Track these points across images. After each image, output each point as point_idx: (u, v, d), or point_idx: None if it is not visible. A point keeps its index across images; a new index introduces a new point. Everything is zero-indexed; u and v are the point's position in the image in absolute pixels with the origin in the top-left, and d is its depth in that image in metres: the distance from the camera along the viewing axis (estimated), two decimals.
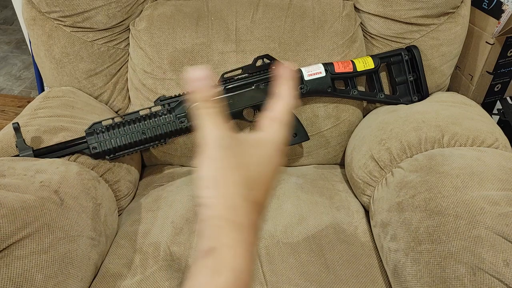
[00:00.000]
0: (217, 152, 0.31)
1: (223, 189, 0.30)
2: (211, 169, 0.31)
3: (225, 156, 0.31)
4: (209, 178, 0.31)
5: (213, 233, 0.29)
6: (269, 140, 0.34)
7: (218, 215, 0.30)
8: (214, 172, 0.31)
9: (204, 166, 0.31)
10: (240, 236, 0.30)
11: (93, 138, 0.81)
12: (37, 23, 0.95)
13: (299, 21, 0.95)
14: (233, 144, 0.32)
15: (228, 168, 0.31)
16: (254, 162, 0.33)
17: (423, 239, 0.64)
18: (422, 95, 0.98)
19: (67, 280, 0.64)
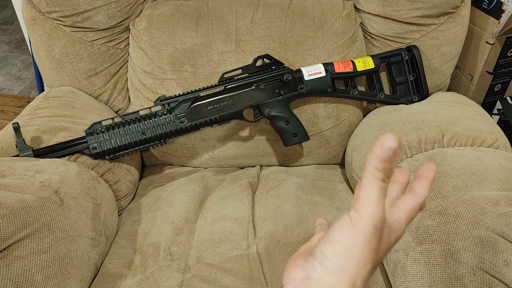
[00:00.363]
0: (370, 231, 0.31)
1: (356, 269, 0.31)
2: (354, 244, 0.31)
3: (374, 238, 0.31)
4: (348, 250, 0.31)
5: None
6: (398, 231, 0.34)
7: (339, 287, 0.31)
8: (355, 249, 0.31)
9: (349, 236, 0.31)
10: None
11: (93, 138, 0.81)
12: (37, 23, 0.95)
13: (299, 21, 0.95)
14: (382, 227, 0.32)
15: (370, 251, 0.31)
16: (384, 247, 0.34)
17: (423, 239, 0.64)
18: (422, 95, 0.98)
19: (67, 280, 0.64)
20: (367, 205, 0.31)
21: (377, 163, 0.31)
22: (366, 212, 0.31)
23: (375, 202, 0.31)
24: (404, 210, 0.34)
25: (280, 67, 0.91)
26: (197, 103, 0.86)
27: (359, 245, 0.31)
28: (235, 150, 1.00)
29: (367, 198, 0.31)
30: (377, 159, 0.31)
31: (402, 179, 0.38)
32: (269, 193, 0.88)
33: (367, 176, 0.31)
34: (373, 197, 0.31)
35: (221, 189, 0.91)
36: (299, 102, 0.96)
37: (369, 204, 0.31)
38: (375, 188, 0.31)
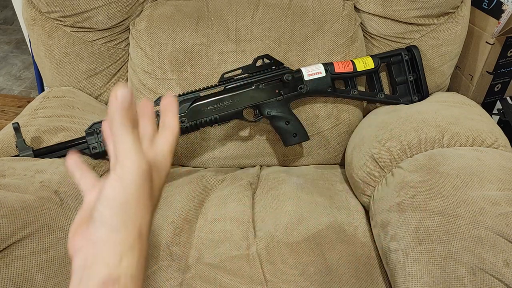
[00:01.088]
0: (139, 179, 0.32)
1: (138, 219, 0.32)
2: (128, 197, 0.32)
3: (145, 183, 0.33)
4: (124, 204, 0.31)
5: (120, 261, 0.31)
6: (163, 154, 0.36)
7: (127, 242, 0.31)
8: (131, 200, 0.32)
9: (120, 191, 0.32)
10: (141, 266, 0.32)
11: (93, 138, 0.81)
12: (37, 23, 0.95)
13: (299, 21, 0.95)
14: (149, 170, 0.33)
15: (145, 195, 0.33)
16: (158, 184, 0.35)
17: (423, 239, 0.64)
18: (422, 95, 0.98)
19: (67, 280, 0.64)
20: (128, 155, 0.32)
21: (121, 114, 0.32)
22: (129, 162, 0.32)
23: (134, 150, 0.32)
24: (165, 143, 0.37)
25: (280, 67, 0.91)
26: (197, 103, 0.86)
27: (133, 195, 0.32)
28: (235, 150, 1.00)
29: (125, 149, 0.32)
30: (119, 110, 0.31)
31: (148, 110, 0.39)
32: (269, 193, 0.88)
33: (117, 130, 0.32)
34: (130, 146, 0.32)
35: (221, 189, 0.91)
36: (299, 102, 0.96)
37: (129, 154, 0.32)
38: (128, 138, 0.32)
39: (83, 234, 0.33)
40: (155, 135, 0.38)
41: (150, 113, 0.39)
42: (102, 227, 0.31)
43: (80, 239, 0.33)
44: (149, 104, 0.39)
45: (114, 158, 0.33)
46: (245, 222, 0.80)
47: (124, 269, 0.31)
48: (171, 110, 0.39)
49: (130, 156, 0.32)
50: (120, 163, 0.32)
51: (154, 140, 0.37)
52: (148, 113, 0.39)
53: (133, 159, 0.32)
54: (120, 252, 0.31)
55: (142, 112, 0.39)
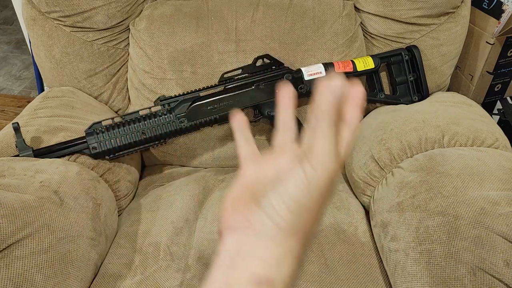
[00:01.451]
0: (326, 188, 0.29)
1: (307, 227, 0.30)
2: (310, 203, 0.29)
3: (328, 193, 0.30)
4: (302, 208, 0.29)
5: (277, 264, 0.29)
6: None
7: (290, 250, 0.29)
8: (311, 207, 0.29)
9: (304, 195, 0.29)
10: (294, 275, 0.29)
11: (93, 138, 0.81)
12: (37, 23, 0.95)
13: (299, 21, 0.95)
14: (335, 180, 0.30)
15: (322, 206, 0.30)
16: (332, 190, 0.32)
17: (423, 239, 0.64)
18: (422, 95, 0.98)
19: (67, 280, 0.64)
20: (325, 160, 0.29)
21: (332, 109, 0.28)
22: (323, 169, 0.29)
23: (332, 156, 0.29)
24: (344, 148, 0.31)
25: (280, 67, 0.91)
26: (197, 103, 0.86)
27: (315, 203, 0.29)
28: (235, 150, 1.00)
29: (324, 152, 0.29)
30: (331, 104, 0.28)
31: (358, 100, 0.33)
32: None
33: (323, 127, 0.28)
34: (330, 151, 0.29)
35: (221, 189, 0.91)
36: (299, 102, 0.96)
37: (327, 159, 0.29)
38: (331, 141, 0.29)
39: (245, 215, 0.30)
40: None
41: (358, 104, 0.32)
42: (272, 225, 0.29)
43: (240, 218, 0.30)
44: (359, 91, 0.32)
45: (308, 152, 0.29)
46: None
47: (281, 275, 0.28)
48: (356, 102, 0.31)
49: (326, 161, 0.29)
50: (313, 165, 0.29)
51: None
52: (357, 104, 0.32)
53: (330, 166, 0.29)
54: (283, 257, 0.29)
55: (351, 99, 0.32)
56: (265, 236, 0.29)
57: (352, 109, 0.31)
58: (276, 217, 0.29)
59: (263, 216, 0.29)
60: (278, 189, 0.29)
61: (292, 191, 0.29)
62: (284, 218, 0.29)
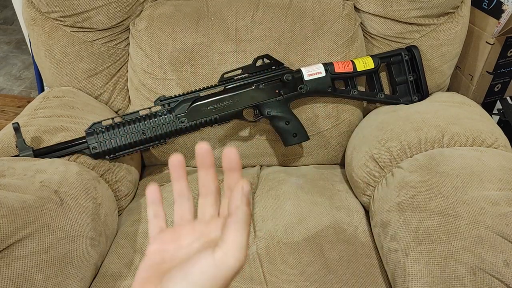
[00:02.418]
0: (233, 274, 0.31)
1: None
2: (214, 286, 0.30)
3: (232, 279, 0.31)
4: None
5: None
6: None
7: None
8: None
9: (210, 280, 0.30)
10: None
11: (93, 138, 0.81)
12: (37, 23, 0.95)
13: (299, 21, 0.95)
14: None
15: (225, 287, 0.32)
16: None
17: (423, 239, 0.64)
18: (422, 95, 0.98)
19: (67, 280, 0.64)
20: (237, 251, 0.31)
21: (247, 206, 0.31)
22: (234, 258, 0.30)
23: (244, 248, 0.31)
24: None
25: (280, 67, 0.91)
26: (197, 103, 0.86)
27: (218, 286, 0.30)
28: None
29: (237, 243, 0.31)
30: (246, 201, 0.31)
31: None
32: (269, 193, 0.88)
33: (238, 220, 0.31)
34: (243, 243, 0.31)
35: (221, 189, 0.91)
36: (299, 102, 0.96)
37: (239, 250, 0.30)
38: (245, 234, 0.31)
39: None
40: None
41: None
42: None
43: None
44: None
45: (222, 241, 0.31)
46: None
47: None
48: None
49: (237, 253, 0.30)
50: (225, 252, 0.30)
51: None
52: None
53: (239, 257, 0.31)
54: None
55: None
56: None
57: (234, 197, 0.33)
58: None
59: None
60: (184, 273, 0.31)
61: (198, 277, 0.30)
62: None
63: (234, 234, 0.31)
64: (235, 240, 0.31)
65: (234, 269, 0.30)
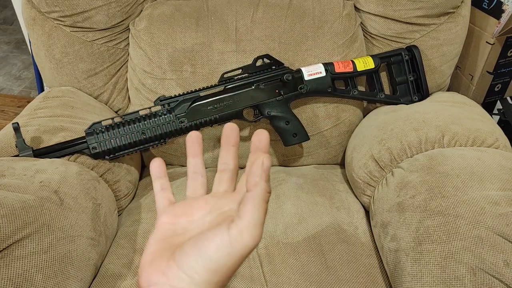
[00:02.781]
0: (248, 252, 0.31)
1: (223, 282, 0.31)
2: (229, 263, 0.30)
3: (247, 256, 0.31)
4: (220, 267, 0.30)
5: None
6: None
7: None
8: (228, 266, 0.30)
9: (225, 256, 0.30)
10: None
11: (93, 138, 0.81)
12: (37, 23, 0.95)
13: (299, 21, 0.95)
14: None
15: (239, 265, 0.31)
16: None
17: (423, 239, 0.64)
18: (422, 95, 0.98)
19: (67, 280, 0.64)
20: (253, 228, 0.30)
21: (267, 181, 0.30)
22: (250, 235, 0.30)
23: (260, 225, 0.30)
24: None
25: (280, 67, 0.91)
26: (197, 103, 0.86)
27: (233, 263, 0.30)
28: None
29: (254, 220, 0.30)
30: (265, 177, 0.30)
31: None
32: None
33: (257, 196, 0.30)
34: (260, 220, 0.30)
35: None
36: (299, 102, 0.96)
37: (255, 227, 0.30)
38: (262, 211, 0.30)
39: (163, 272, 0.31)
40: None
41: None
42: (188, 279, 0.30)
43: (158, 276, 0.31)
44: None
45: (238, 218, 0.30)
46: None
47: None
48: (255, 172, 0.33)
49: (253, 230, 0.30)
50: (241, 230, 0.30)
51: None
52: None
53: (255, 234, 0.30)
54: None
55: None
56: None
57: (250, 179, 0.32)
58: (192, 273, 0.30)
59: (180, 272, 0.30)
60: (199, 250, 0.30)
61: (212, 251, 0.30)
62: (200, 274, 0.30)
63: (251, 210, 0.30)
64: (252, 217, 0.30)
65: (249, 246, 0.30)
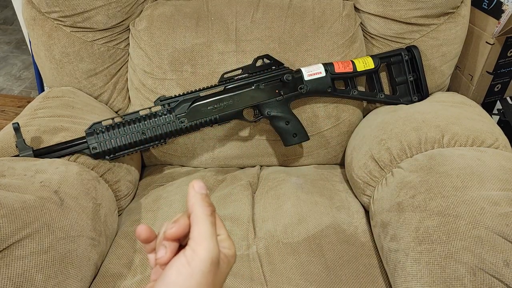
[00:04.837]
0: (207, 267, 0.32)
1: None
2: (192, 283, 0.31)
3: (210, 274, 0.32)
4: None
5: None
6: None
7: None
8: (191, 283, 0.31)
9: (185, 277, 0.31)
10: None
11: (93, 138, 0.81)
12: (37, 23, 0.95)
13: (299, 21, 0.95)
14: (218, 261, 0.33)
15: (207, 285, 0.32)
16: (221, 277, 0.34)
17: (423, 239, 0.64)
18: (422, 95, 0.98)
19: (67, 280, 0.64)
20: (204, 241, 0.32)
21: (201, 199, 0.33)
22: (202, 249, 0.32)
23: (209, 236, 0.32)
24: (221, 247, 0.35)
25: (280, 67, 0.91)
26: (197, 103, 0.86)
27: (197, 283, 0.31)
28: (235, 150, 1.00)
29: (201, 233, 0.32)
30: (199, 196, 0.33)
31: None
32: (269, 193, 0.88)
33: (198, 214, 0.33)
34: (208, 232, 0.32)
35: (221, 189, 0.91)
36: (299, 102, 0.96)
37: (206, 240, 0.32)
38: (207, 224, 0.33)
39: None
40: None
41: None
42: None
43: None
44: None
45: (190, 240, 0.32)
46: (245, 222, 0.80)
47: None
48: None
49: (204, 243, 0.32)
50: (193, 248, 0.32)
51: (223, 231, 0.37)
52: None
53: (207, 246, 0.32)
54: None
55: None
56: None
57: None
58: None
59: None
60: (162, 279, 0.32)
61: (173, 276, 0.31)
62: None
63: (197, 227, 0.32)
64: (199, 232, 0.32)
65: (205, 260, 0.32)
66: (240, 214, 0.82)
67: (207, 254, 0.32)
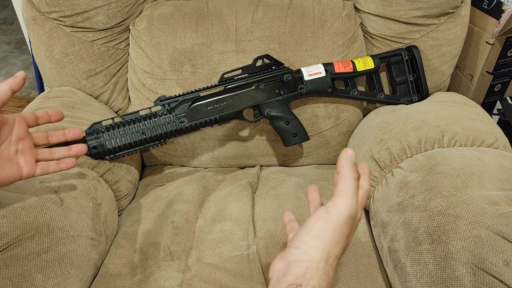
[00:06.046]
0: (345, 218, 0.38)
1: (328, 246, 0.38)
2: (328, 227, 0.38)
3: (347, 225, 0.38)
4: (321, 233, 0.38)
5: (304, 274, 0.37)
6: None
7: (314, 262, 0.38)
8: (328, 231, 0.38)
9: (323, 222, 0.38)
10: (323, 283, 0.38)
11: (93, 138, 0.81)
12: (37, 23, 0.95)
13: (299, 21, 0.95)
14: (355, 216, 0.40)
15: (342, 234, 0.38)
16: (353, 229, 0.41)
17: (423, 239, 0.64)
18: (422, 95, 0.98)
19: (67, 280, 0.64)
20: (345, 197, 0.38)
21: (351, 163, 0.39)
22: (342, 203, 0.37)
23: (351, 194, 0.38)
24: (360, 201, 0.42)
25: (280, 67, 0.91)
26: (197, 103, 0.86)
27: (332, 228, 0.37)
28: (235, 150, 1.00)
29: (344, 190, 0.38)
30: (349, 161, 0.40)
31: (367, 171, 0.45)
32: (269, 193, 0.88)
33: (345, 175, 0.39)
34: (349, 189, 0.38)
35: (221, 189, 0.91)
36: (299, 102, 0.96)
37: (347, 196, 0.38)
38: (352, 184, 0.38)
39: (282, 257, 0.41)
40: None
41: (368, 173, 0.45)
42: (295, 250, 0.39)
43: (279, 262, 0.41)
44: (367, 166, 0.46)
45: (333, 196, 0.39)
46: (245, 222, 0.80)
47: (306, 280, 0.37)
48: (365, 173, 0.44)
49: (345, 198, 0.38)
50: (334, 201, 0.38)
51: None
52: (367, 173, 0.45)
53: (347, 201, 0.38)
54: (306, 267, 0.37)
55: (362, 170, 0.44)
56: (293, 260, 0.39)
57: (363, 177, 0.43)
58: (299, 244, 0.39)
59: (291, 248, 0.40)
60: (303, 226, 0.39)
61: (312, 221, 0.38)
62: (305, 242, 0.38)
63: (342, 185, 0.38)
64: (342, 188, 0.38)
65: (345, 213, 0.38)
66: (240, 214, 0.82)
67: (346, 208, 0.37)
